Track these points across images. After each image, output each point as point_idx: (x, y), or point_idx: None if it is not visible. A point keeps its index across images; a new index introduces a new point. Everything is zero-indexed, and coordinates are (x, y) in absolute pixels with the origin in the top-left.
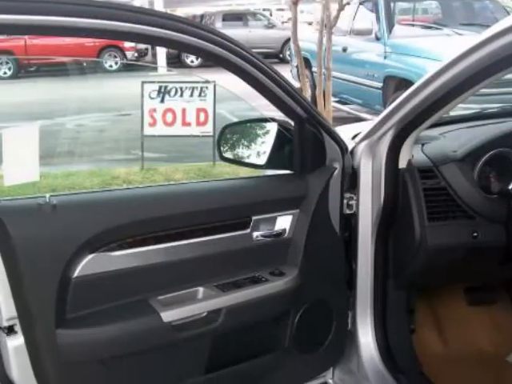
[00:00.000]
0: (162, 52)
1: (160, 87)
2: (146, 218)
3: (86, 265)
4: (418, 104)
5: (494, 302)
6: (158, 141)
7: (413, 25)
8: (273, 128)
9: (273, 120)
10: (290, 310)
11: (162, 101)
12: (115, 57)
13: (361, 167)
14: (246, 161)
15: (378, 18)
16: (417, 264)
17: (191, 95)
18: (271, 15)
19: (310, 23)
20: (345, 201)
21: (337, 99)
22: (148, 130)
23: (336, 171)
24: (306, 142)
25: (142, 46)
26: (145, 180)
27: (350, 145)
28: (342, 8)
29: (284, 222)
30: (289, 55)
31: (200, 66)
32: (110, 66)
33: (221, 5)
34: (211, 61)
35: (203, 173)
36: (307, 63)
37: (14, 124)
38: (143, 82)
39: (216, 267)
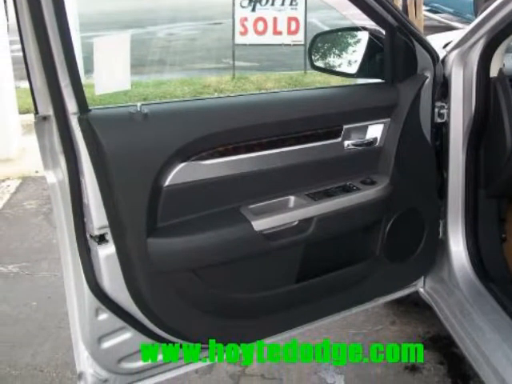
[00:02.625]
0: None
1: None
2: (237, 127)
3: (177, 174)
4: (509, 13)
5: None
6: (249, 49)
7: None
8: (364, 37)
9: (364, 29)
10: (382, 219)
11: (253, 10)
12: None
13: (452, 76)
14: (337, 69)
15: None
16: (508, 173)
17: (282, 4)
18: None
19: None
20: (436, 109)
21: (428, 8)
22: (239, 39)
23: (427, 80)
24: (397, 51)
25: None
26: (236, 89)
27: (442, 54)
28: None
29: (375, 130)
30: None
31: None
32: None
33: None
34: None
35: (294, 81)
36: None
37: (106, 33)
38: None
39: (307, 176)
